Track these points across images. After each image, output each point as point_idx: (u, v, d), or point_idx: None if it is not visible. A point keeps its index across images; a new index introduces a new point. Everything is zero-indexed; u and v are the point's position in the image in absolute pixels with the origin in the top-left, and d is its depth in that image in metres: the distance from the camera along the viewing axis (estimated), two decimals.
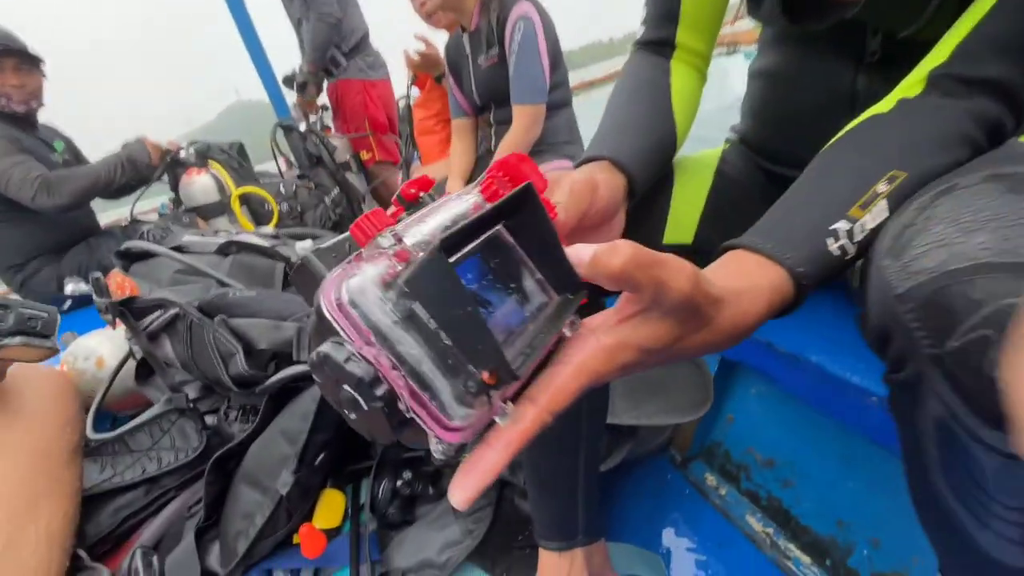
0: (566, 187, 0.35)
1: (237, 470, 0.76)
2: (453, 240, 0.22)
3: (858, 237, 0.33)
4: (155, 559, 0.73)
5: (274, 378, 0.74)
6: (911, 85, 0.38)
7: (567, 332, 0.27)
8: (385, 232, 0.23)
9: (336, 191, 2.35)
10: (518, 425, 0.23)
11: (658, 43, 0.55)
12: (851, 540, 0.70)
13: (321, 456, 0.72)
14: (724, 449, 0.89)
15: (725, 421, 0.90)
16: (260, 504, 0.69)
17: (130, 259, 1.10)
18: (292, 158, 2.53)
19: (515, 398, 0.24)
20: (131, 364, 0.97)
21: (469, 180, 1.62)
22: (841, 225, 0.33)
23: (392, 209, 0.29)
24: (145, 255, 1.07)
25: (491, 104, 1.52)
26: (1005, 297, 0.24)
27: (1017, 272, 0.24)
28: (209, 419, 0.88)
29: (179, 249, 1.09)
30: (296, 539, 0.76)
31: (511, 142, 1.39)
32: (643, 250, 0.23)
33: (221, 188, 2.15)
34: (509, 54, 1.31)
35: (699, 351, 0.28)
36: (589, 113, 0.55)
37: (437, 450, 0.22)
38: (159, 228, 1.17)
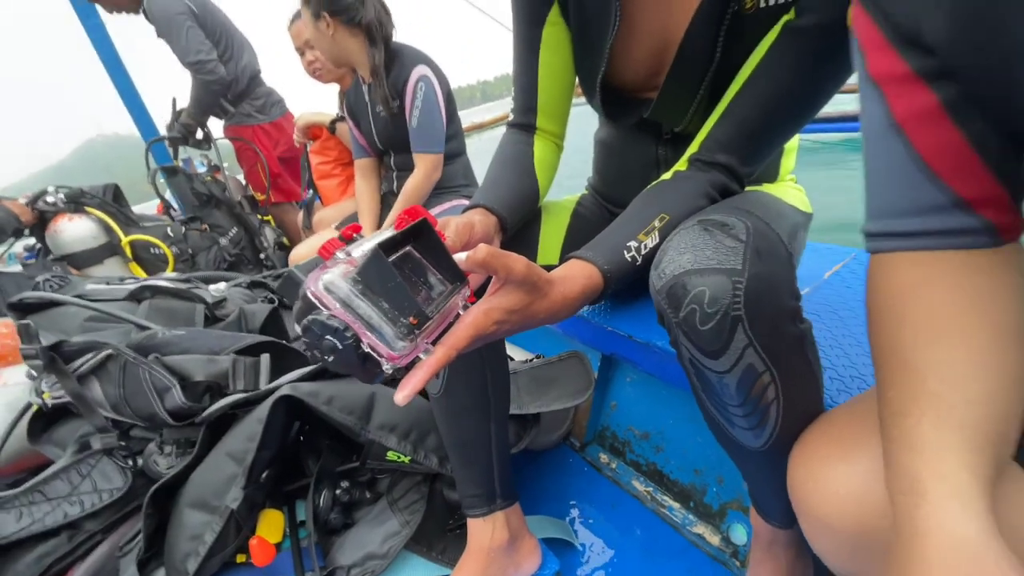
0: (452, 226, 0.53)
1: (175, 500, 0.79)
2: (385, 245, 0.38)
3: (643, 252, 0.55)
4: None
5: (215, 406, 0.80)
6: (682, 163, 0.63)
7: (462, 311, 0.44)
8: (340, 250, 0.38)
9: (235, 230, 2.32)
10: (434, 356, 0.40)
11: (523, 126, 0.74)
12: (705, 482, 0.92)
13: (266, 473, 0.79)
14: (611, 431, 1.09)
15: (610, 408, 1.11)
16: (208, 523, 0.73)
17: (23, 310, 1.06)
18: (175, 203, 2.45)
19: (435, 344, 0.41)
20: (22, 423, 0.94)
21: (379, 217, 1.75)
22: (632, 243, 0.55)
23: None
24: (43, 305, 1.04)
25: (390, 151, 1.66)
26: (698, 287, 0.44)
27: (703, 274, 0.44)
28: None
29: (83, 298, 1.08)
30: (240, 558, 0.81)
31: (415, 184, 1.54)
32: (494, 248, 0.41)
33: (107, 232, 2.04)
34: (411, 110, 1.48)
35: (546, 316, 0.46)
36: (485, 147, 0.73)
37: (387, 368, 0.37)
38: (57, 278, 1.14)
